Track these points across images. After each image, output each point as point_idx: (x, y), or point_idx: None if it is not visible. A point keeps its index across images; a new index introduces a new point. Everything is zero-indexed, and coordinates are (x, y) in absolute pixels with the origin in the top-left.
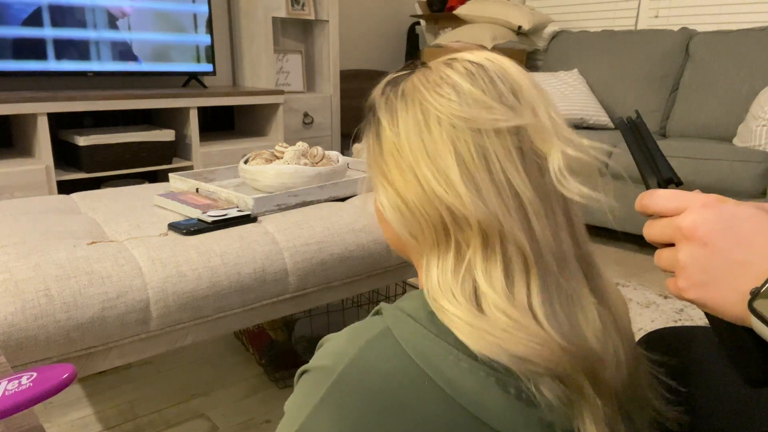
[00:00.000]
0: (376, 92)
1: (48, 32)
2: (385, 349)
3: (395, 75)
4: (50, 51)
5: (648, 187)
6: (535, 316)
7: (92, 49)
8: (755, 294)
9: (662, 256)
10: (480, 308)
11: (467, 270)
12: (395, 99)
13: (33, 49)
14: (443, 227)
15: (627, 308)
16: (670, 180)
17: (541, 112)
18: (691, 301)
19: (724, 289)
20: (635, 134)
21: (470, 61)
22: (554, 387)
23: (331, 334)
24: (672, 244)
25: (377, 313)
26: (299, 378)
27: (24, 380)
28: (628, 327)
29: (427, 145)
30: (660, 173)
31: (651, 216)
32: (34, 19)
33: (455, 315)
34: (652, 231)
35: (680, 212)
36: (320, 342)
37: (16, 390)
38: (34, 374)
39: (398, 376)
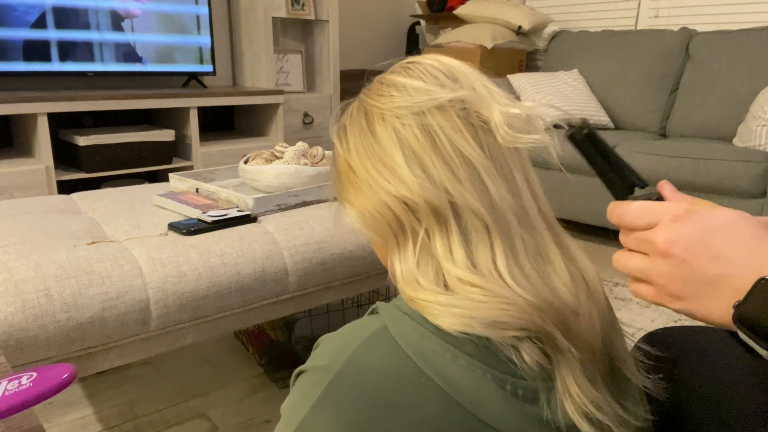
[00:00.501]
0: (331, 123)
1: (48, 32)
2: (382, 348)
3: (344, 103)
4: (50, 51)
5: (614, 196)
6: (501, 277)
7: (92, 49)
8: (738, 307)
9: (632, 264)
10: (446, 287)
11: (427, 253)
12: (345, 119)
13: (33, 49)
14: (398, 222)
15: (597, 272)
16: (633, 184)
17: (479, 86)
18: (676, 311)
19: (708, 302)
20: (589, 143)
21: (406, 62)
22: (534, 350)
23: (327, 334)
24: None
25: (373, 312)
26: (296, 379)
27: (24, 380)
28: (600, 289)
29: (372, 145)
30: (621, 179)
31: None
32: (35, 19)
33: (424, 300)
34: (626, 244)
35: (652, 227)
36: (317, 342)
37: (16, 390)
38: (34, 374)
39: (396, 374)
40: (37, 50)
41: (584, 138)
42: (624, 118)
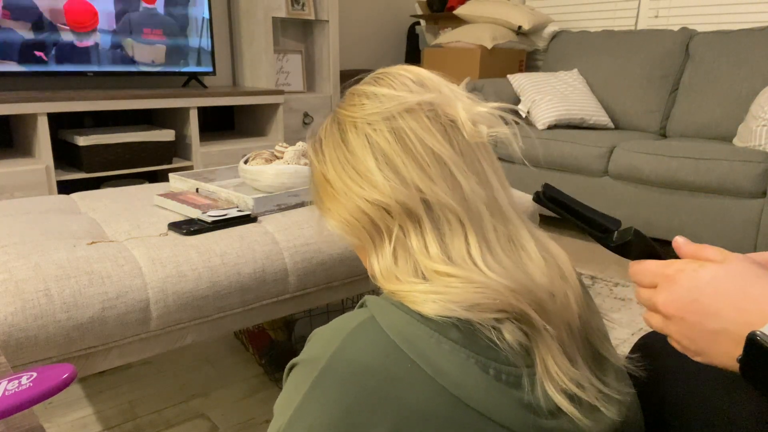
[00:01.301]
0: (308, 137)
1: (48, 32)
2: (369, 336)
3: (318, 121)
4: (50, 51)
5: (596, 240)
6: (476, 265)
7: (92, 49)
8: (740, 363)
9: (653, 323)
10: (424, 278)
11: (403, 250)
12: (320, 131)
13: (33, 49)
14: (373, 224)
15: (568, 257)
16: (607, 229)
17: (445, 89)
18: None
19: (717, 356)
20: (553, 203)
21: (376, 73)
22: (514, 329)
23: (318, 328)
24: None
25: (362, 305)
26: (288, 373)
27: (24, 380)
28: (573, 273)
29: (345, 155)
30: (593, 228)
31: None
32: (35, 19)
33: (404, 291)
34: (639, 297)
35: (655, 287)
36: (308, 337)
37: (16, 390)
38: (34, 374)
39: (383, 360)
40: (37, 50)
41: (548, 200)
42: (624, 118)
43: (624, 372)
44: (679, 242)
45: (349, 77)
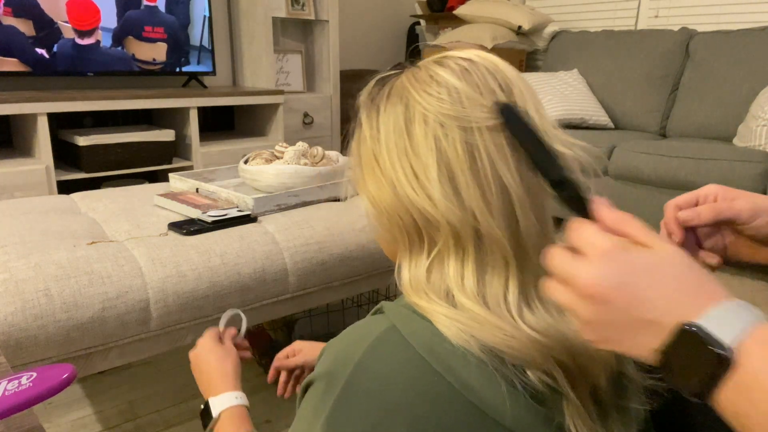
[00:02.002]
0: (363, 94)
1: (48, 32)
2: (392, 347)
3: (383, 75)
4: (52, 50)
5: (545, 180)
6: (510, 312)
7: (94, 48)
8: (661, 354)
9: (558, 297)
10: (453, 305)
11: (438, 270)
12: (380, 100)
13: (34, 47)
14: (416, 229)
15: None
16: (562, 181)
17: (532, 110)
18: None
19: (633, 346)
20: (520, 123)
21: (461, 58)
22: (540, 375)
23: (332, 340)
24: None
25: (378, 312)
26: (304, 392)
27: (24, 380)
28: None
29: (407, 148)
30: (550, 173)
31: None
32: (35, 18)
33: (428, 308)
34: (551, 262)
35: (579, 254)
36: (322, 350)
37: (16, 390)
38: (34, 374)
39: (408, 373)
40: (38, 49)
41: (514, 116)
42: (624, 118)
43: (641, 389)
44: (601, 206)
45: (349, 77)
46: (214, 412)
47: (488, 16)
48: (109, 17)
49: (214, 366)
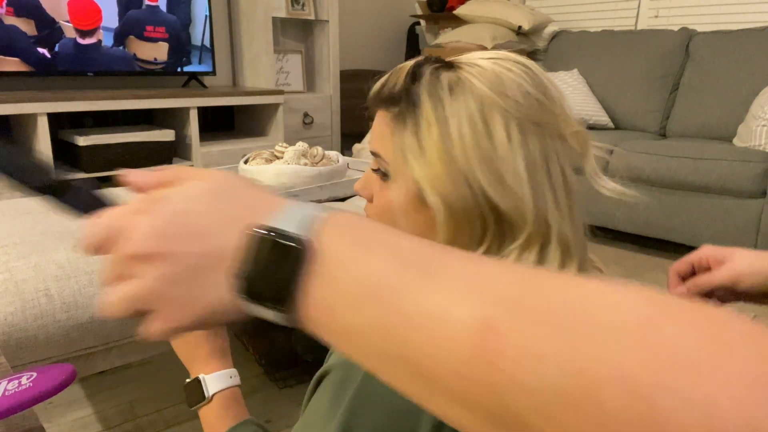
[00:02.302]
0: (424, 83)
1: (50, 32)
2: None
3: (434, 66)
4: (52, 51)
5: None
6: None
7: (92, 49)
8: (236, 278)
9: (126, 291)
10: None
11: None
12: (444, 93)
13: (33, 49)
14: (482, 227)
15: None
16: (50, 185)
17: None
18: (183, 329)
19: (206, 291)
20: None
21: (517, 62)
22: None
23: None
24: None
25: None
26: (317, 383)
27: (24, 380)
28: None
29: (485, 145)
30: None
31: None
32: (36, 17)
33: None
34: (107, 275)
35: (116, 241)
36: None
37: (16, 390)
38: (34, 374)
39: None
40: (38, 50)
41: None
42: (624, 118)
43: None
44: (128, 173)
45: (349, 77)
46: (208, 392)
47: (488, 16)
48: (110, 17)
49: (202, 347)
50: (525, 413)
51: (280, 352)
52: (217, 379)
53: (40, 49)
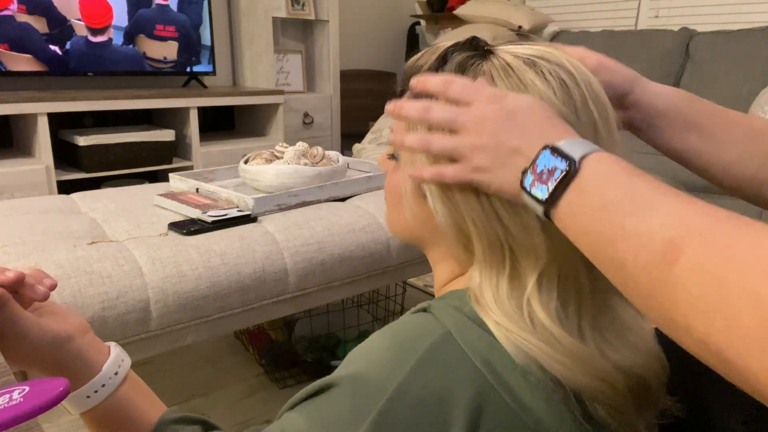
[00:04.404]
0: (448, 70)
1: (42, 41)
2: (449, 358)
3: (466, 54)
4: (50, 50)
5: None
6: (583, 339)
7: (103, 47)
8: (524, 173)
9: (437, 143)
10: (532, 324)
11: (520, 293)
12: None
13: (47, 46)
14: (500, 247)
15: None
16: None
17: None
18: (470, 182)
19: (503, 173)
20: None
21: (559, 68)
22: (608, 409)
23: (366, 341)
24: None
25: (425, 311)
26: (319, 390)
27: (15, 395)
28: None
29: None
30: None
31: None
32: (48, 15)
33: (500, 323)
34: (432, 114)
35: (470, 103)
36: (355, 350)
37: (6, 405)
38: (27, 388)
39: (463, 388)
40: (49, 47)
41: None
42: None
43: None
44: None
45: (349, 77)
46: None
47: (488, 16)
48: (120, 15)
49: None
50: (687, 313)
51: (280, 352)
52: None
53: (52, 47)
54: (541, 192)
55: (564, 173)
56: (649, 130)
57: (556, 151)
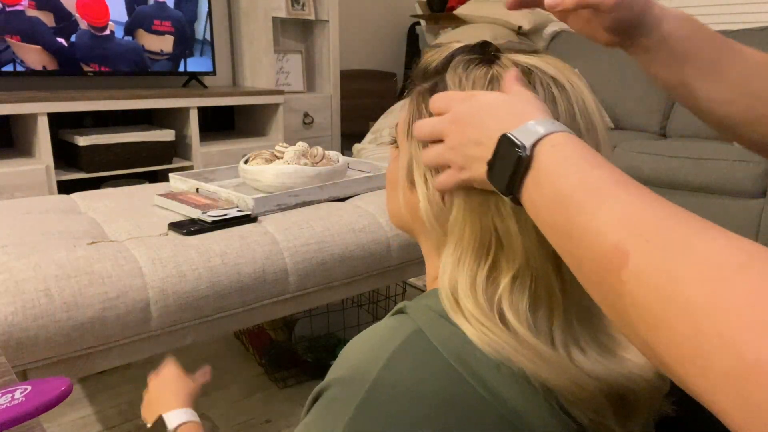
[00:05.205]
0: (450, 72)
1: (50, 34)
2: (420, 354)
3: (469, 57)
4: (57, 42)
5: None
6: (553, 344)
7: (92, 49)
8: (489, 165)
9: (430, 153)
10: (502, 321)
11: (494, 290)
12: (462, 89)
13: (53, 38)
14: (488, 242)
15: None
16: None
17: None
18: (462, 183)
19: (476, 166)
20: None
21: (554, 83)
22: (586, 412)
23: (349, 344)
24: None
25: (398, 312)
26: (315, 398)
27: (18, 394)
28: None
29: None
30: None
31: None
32: (54, 10)
33: (473, 316)
34: (420, 132)
35: (448, 110)
36: (341, 353)
37: (8, 405)
38: (29, 388)
39: (436, 383)
40: (56, 39)
41: None
42: (624, 118)
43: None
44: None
45: (349, 77)
46: (170, 425)
47: (488, 16)
48: (119, 13)
49: (171, 388)
50: (636, 323)
51: (280, 352)
52: (177, 416)
53: (59, 39)
54: (501, 184)
55: (515, 162)
56: (646, 56)
57: (509, 139)
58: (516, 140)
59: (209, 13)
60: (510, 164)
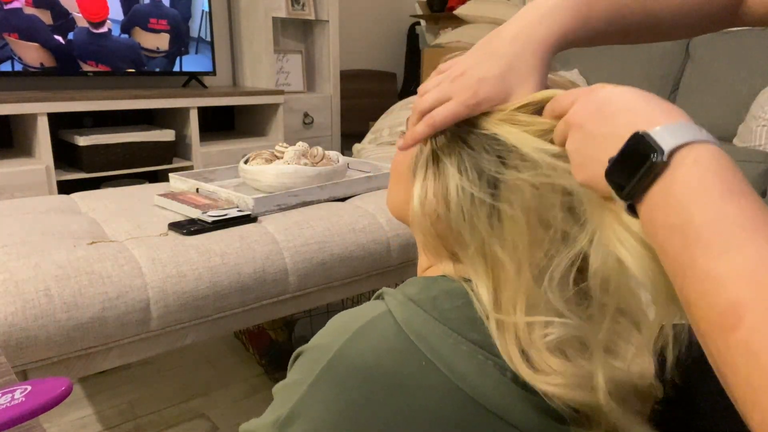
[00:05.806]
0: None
1: (48, 32)
2: (381, 331)
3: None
4: (55, 40)
5: None
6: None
7: (92, 49)
8: (611, 162)
9: (558, 136)
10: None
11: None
12: None
13: (51, 36)
14: (483, 252)
15: None
16: None
17: None
18: (582, 184)
19: (594, 165)
20: None
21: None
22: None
23: (338, 315)
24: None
25: (379, 297)
26: (294, 360)
27: (18, 394)
28: None
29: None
30: None
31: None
32: (51, 8)
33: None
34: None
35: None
36: (324, 326)
37: (8, 405)
38: (29, 388)
39: (396, 356)
40: (54, 37)
41: None
42: None
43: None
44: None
45: (349, 77)
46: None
47: (488, 16)
48: (116, 10)
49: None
50: (734, 390)
51: (280, 352)
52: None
53: (57, 36)
54: (622, 183)
55: (646, 170)
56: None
57: (643, 137)
58: (653, 141)
59: (209, 13)
60: (639, 166)
